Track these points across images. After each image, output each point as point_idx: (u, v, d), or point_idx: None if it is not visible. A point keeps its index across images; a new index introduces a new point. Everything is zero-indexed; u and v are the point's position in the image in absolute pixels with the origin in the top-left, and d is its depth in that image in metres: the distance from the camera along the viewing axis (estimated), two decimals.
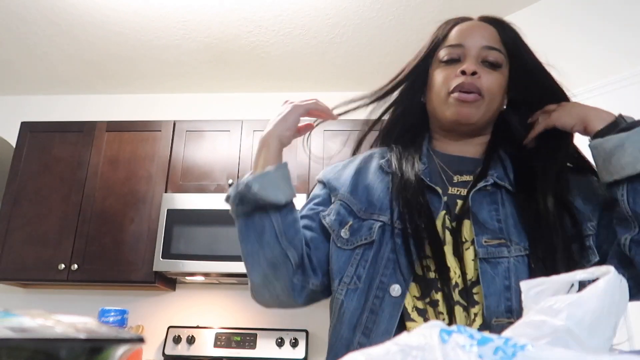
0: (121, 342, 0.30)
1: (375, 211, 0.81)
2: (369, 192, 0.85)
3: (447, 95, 0.83)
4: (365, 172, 0.90)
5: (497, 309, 0.71)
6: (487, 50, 0.84)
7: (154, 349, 2.85)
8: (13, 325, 0.28)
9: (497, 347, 0.31)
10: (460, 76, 0.81)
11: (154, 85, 3.30)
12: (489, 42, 0.84)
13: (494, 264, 0.73)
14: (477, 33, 0.85)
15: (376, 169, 0.89)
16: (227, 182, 2.80)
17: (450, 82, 0.82)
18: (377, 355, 0.32)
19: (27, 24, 2.69)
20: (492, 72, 0.83)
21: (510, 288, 0.72)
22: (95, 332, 0.29)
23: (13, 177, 2.90)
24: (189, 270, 2.58)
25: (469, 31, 0.86)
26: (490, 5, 2.46)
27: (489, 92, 0.82)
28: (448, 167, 0.86)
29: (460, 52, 0.84)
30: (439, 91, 0.84)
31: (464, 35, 0.85)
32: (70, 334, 0.28)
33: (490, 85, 0.82)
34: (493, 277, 0.73)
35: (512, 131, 0.90)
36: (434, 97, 0.86)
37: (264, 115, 3.22)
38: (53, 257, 2.71)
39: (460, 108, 0.81)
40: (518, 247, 0.75)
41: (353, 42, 2.79)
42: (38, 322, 0.29)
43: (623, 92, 2.03)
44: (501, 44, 0.86)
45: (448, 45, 0.86)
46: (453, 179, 0.84)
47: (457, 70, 0.82)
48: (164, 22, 2.66)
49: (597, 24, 2.19)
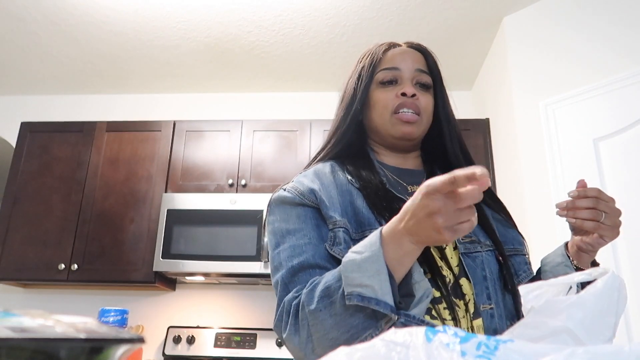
0: (121, 342, 0.30)
1: (365, 228, 0.83)
2: (355, 211, 0.86)
3: (391, 115, 0.92)
4: (342, 190, 0.89)
5: (482, 297, 0.81)
6: (420, 74, 0.94)
7: (154, 349, 2.85)
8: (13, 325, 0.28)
9: (480, 342, 0.31)
10: (401, 97, 0.91)
11: (154, 85, 3.30)
12: (420, 65, 0.95)
13: (473, 258, 0.84)
14: (409, 57, 0.95)
15: (347, 184, 0.89)
16: (227, 182, 2.80)
17: (392, 103, 0.91)
18: (362, 349, 0.32)
19: (27, 24, 2.69)
20: (425, 93, 0.94)
21: (487, 278, 0.83)
22: (95, 332, 0.29)
23: (13, 177, 2.90)
24: (189, 270, 2.58)
25: (402, 56, 0.95)
26: (491, 5, 2.46)
27: (425, 112, 0.93)
28: (400, 178, 0.94)
29: (396, 75, 0.93)
30: (382, 111, 0.93)
31: (398, 60, 0.94)
32: (70, 334, 0.28)
33: (426, 105, 0.93)
34: (475, 269, 0.83)
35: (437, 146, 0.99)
36: (377, 116, 0.94)
37: (264, 115, 3.23)
38: (53, 257, 2.71)
39: (404, 127, 0.91)
40: (486, 244, 0.86)
41: (353, 42, 2.79)
42: (38, 322, 0.29)
43: (623, 92, 2.03)
44: (427, 68, 0.96)
45: (385, 68, 0.94)
46: (407, 189, 0.92)
47: (398, 91, 0.92)
48: (164, 22, 2.66)
49: (598, 24, 2.19)
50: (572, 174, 2.10)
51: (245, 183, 2.78)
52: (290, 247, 0.82)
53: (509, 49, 2.49)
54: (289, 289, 0.78)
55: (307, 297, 0.72)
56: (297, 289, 0.77)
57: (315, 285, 0.73)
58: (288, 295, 0.77)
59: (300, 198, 0.86)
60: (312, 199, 0.85)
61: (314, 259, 0.79)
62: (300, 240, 0.82)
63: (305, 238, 0.82)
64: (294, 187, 0.88)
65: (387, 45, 0.97)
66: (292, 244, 0.82)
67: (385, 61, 0.95)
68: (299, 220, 0.84)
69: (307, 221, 0.84)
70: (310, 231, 0.83)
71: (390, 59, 0.95)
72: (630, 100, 2.00)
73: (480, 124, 2.81)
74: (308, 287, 0.74)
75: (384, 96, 0.92)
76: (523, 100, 2.38)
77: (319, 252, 0.80)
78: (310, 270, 0.78)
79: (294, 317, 0.74)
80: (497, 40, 2.67)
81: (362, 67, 0.96)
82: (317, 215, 0.84)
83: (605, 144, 2.04)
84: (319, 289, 0.71)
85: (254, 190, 2.76)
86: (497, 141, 2.71)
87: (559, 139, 2.18)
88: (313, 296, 0.71)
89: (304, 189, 0.87)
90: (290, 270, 0.79)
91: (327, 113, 3.25)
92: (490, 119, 2.81)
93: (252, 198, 2.67)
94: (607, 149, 2.03)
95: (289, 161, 2.81)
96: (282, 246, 0.83)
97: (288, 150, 2.84)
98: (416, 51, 0.97)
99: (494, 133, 2.77)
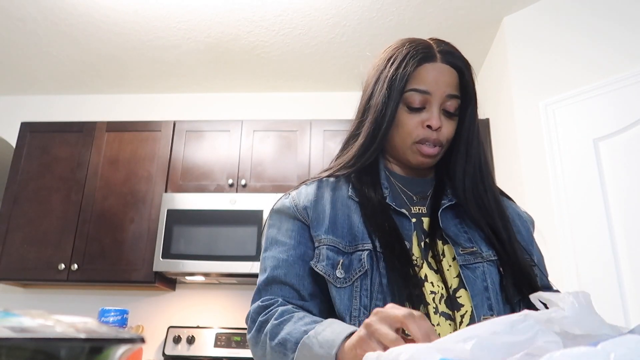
0: (121, 342, 0.30)
1: (359, 242, 0.85)
2: (349, 225, 0.87)
3: (412, 144, 0.90)
4: (340, 204, 0.91)
5: (482, 308, 0.81)
6: (449, 99, 0.89)
7: (154, 349, 2.85)
8: (13, 325, 0.28)
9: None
10: (425, 129, 0.88)
11: (154, 85, 3.30)
12: (452, 90, 0.89)
13: (473, 269, 0.84)
14: (443, 80, 0.89)
15: (347, 199, 0.91)
16: (227, 182, 2.80)
17: (417, 133, 0.89)
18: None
19: (27, 24, 2.69)
20: (450, 120, 0.90)
21: (488, 288, 0.83)
22: (95, 332, 0.29)
23: (13, 177, 2.90)
24: (189, 270, 2.58)
25: (435, 77, 0.89)
26: (491, 5, 2.46)
27: (447, 141, 0.91)
28: (407, 188, 0.94)
29: (426, 100, 0.89)
30: (405, 136, 0.90)
31: (430, 81, 0.89)
32: (70, 334, 0.28)
33: (449, 134, 0.91)
34: (474, 280, 0.83)
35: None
36: (399, 139, 0.91)
37: (264, 115, 3.23)
38: (53, 257, 2.71)
39: (423, 159, 0.90)
40: (488, 254, 0.86)
41: (353, 42, 2.79)
42: (38, 322, 0.29)
43: (623, 92, 2.03)
44: (459, 89, 0.91)
45: (416, 89, 0.88)
46: (413, 198, 0.93)
47: (424, 121, 0.88)
48: (164, 22, 2.66)
49: (598, 24, 2.19)
50: (572, 174, 2.10)
51: (245, 183, 2.78)
52: (272, 258, 0.89)
53: (509, 49, 2.49)
54: (260, 295, 0.87)
55: (272, 330, 0.78)
56: (264, 299, 0.85)
57: (283, 322, 0.77)
58: (256, 303, 0.85)
59: (294, 211, 0.91)
60: (304, 215, 0.90)
61: (285, 277, 0.86)
62: (281, 255, 0.88)
63: (285, 254, 0.88)
64: (294, 198, 0.94)
65: (421, 55, 0.89)
66: (274, 254, 0.89)
67: (416, 79, 0.88)
68: (287, 234, 0.90)
69: (293, 236, 0.89)
70: (291, 248, 0.88)
71: (423, 78, 0.88)
72: (630, 100, 2.00)
73: (480, 124, 2.81)
74: (277, 317, 0.79)
75: (409, 122, 0.89)
76: (523, 100, 2.38)
77: (292, 271, 0.86)
78: (281, 286, 0.86)
79: (257, 332, 0.82)
80: (497, 40, 2.68)
81: (393, 78, 0.89)
82: (304, 233, 0.89)
83: (605, 144, 2.04)
84: (282, 334, 0.76)
85: (254, 190, 2.76)
86: (497, 141, 2.71)
87: (559, 139, 2.18)
88: (276, 334, 0.77)
89: (300, 204, 0.92)
90: (266, 280, 0.87)
91: (327, 113, 3.27)
92: (490, 119, 2.81)
93: (252, 198, 2.67)
94: (607, 149, 2.03)
95: (289, 161, 2.81)
96: (267, 253, 0.91)
97: (288, 150, 2.84)
98: (452, 69, 0.90)
99: (494, 133, 2.77)
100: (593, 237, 1.97)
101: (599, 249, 1.94)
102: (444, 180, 0.95)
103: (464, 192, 0.91)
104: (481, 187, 0.91)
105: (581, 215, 2.03)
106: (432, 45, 0.92)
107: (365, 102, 0.95)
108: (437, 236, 0.87)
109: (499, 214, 0.90)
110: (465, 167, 0.92)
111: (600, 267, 1.92)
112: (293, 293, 0.86)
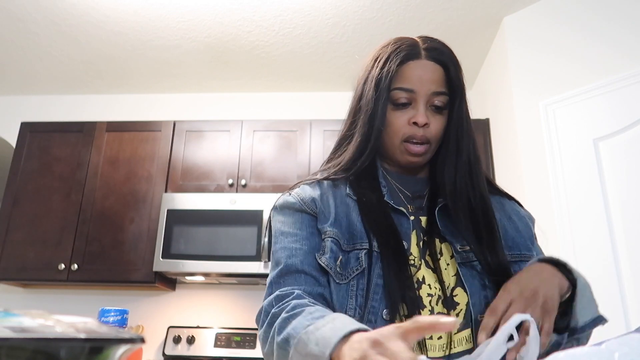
0: (121, 342, 0.30)
1: (357, 241, 0.85)
2: (348, 223, 0.87)
3: (400, 142, 0.89)
4: (340, 202, 0.91)
5: (480, 306, 0.80)
6: (435, 96, 0.88)
7: (154, 349, 2.85)
8: (13, 325, 0.28)
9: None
10: (412, 126, 0.88)
11: (154, 85, 3.30)
12: (437, 87, 0.88)
13: (470, 267, 0.83)
14: (427, 77, 0.88)
15: (345, 197, 0.91)
16: (227, 182, 2.80)
17: (404, 131, 0.88)
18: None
19: (27, 24, 2.69)
20: (437, 115, 0.89)
21: (486, 286, 0.82)
22: (95, 332, 0.29)
23: (13, 177, 2.90)
24: (189, 270, 2.58)
25: (419, 74, 0.88)
26: (491, 5, 2.46)
27: (436, 137, 0.89)
28: (404, 187, 0.94)
29: (411, 97, 0.88)
30: (392, 135, 0.90)
31: (415, 79, 0.88)
32: (70, 334, 0.28)
33: (437, 130, 0.89)
34: (472, 278, 0.82)
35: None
36: (387, 138, 0.91)
37: (263, 115, 3.23)
38: (53, 257, 2.71)
39: (411, 157, 0.89)
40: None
41: (353, 42, 2.79)
42: (38, 322, 0.29)
43: (623, 92, 2.03)
44: (446, 85, 0.90)
45: (401, 87, 0.88)
46: (410, 197, 0.93)
47: (410, 118, 0.88)
48: (164, 22, 2.66)
49: (598, 24, 2.19)
50: (572, 174, 2.10)
51: (245, 183, 2.78)
52: (284, 248, 0.86)
53: (509, 49, 2.49)
54: (272, 290, 0.82)
55: (280, 324, 0.74)
56: (279, 291, 0.81)
57: (293, 316, 0.73)
58: (269, 297, 0.81)
59: (301, 204, 0.90)
60: (312, 207, 0.89)
61: (302, 265, 0.83)
62: (293, 244, 0.86)
63: (298, 243, 0.86)
64: (298, 193, 0.92)
65: (405, 53, 0.89)
66: (285, 245, 0.87)
67: (401, 78, 0.88)
68: (296, 226, 0.88)
69: (303, 228, 0.88)
70: (304, 238, 0.87)
71: (407, 76, 0.88)
72: (630, 100, 2.00)
73: (480, 124, 2.81)
74: (289, 310, 0.74)
75: (396, 120, 0.89)
76: (523, 100, 2.38)
77: (308, 260, 0.84)
78: (296, 275, 0.83)
79: (268, 326, 0.77)
80: (497, 40, 2.67)
81: (379, 78, 0.89)
82: (314, 224, 0.88)
83: (605, 144, 2.04)
84: (288, 329, 0.71)
85: (254, 190, 2.76)
86: (497, 141, 2.71)
87: (559, 139, 2.18)
88: (282, 329, 0.72)
89: (306, 197, 0.91)
90: (279, 271, 0.84)
91: (327, 113, 3.26)
92: (491, 119, 2.81)
93: (252, 198, 2.67)
94: (607, 149, 2.03)
95: (289, 161, 2.81)
96: (278, 245, 0.88)
97: (288, 150, 2.84)
98: (437, 65, 0.89)
99: (494, 133, 2.77)
100: (593, 237, 1.97)
101: (599, 249, 1.94)
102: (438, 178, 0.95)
103: (454, 188, 0.89)
104: (469, 183, 0.90)
105: (581, 215, 2.03)
106: (418, 42, 0.91)
107: (356, 103, 0.95)
108: (435, 234, 0.87)
109: (483, 211, 0.88)
110: (456, 163, 0.90)
111: (600, 267, 1.92)
112: (312, 280, 0.82)
